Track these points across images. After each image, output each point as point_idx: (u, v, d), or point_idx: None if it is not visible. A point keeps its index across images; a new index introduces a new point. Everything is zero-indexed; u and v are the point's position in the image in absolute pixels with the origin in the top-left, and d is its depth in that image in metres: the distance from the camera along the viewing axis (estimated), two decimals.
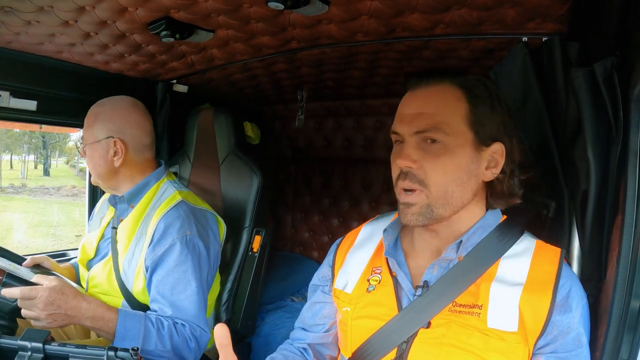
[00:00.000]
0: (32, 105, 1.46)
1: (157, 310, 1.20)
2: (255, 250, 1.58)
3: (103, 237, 1.38)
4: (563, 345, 0.73)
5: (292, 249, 2.53)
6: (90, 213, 1.62)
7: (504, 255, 0.79)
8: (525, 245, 0.81)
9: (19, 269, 1.14)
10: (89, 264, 1.38)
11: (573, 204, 0.92)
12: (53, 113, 1.56)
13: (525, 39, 1.07)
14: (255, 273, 1.58)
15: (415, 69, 1.51)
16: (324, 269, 1.00)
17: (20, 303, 1.03)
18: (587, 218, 0.84)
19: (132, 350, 0.80)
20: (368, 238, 0.95)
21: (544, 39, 1.03)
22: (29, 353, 0.80)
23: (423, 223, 0.80)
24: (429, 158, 0.78)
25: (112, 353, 0.80)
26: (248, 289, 1.57)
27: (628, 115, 0.75)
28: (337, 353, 0.98)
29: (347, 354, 0.87)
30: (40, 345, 0.80)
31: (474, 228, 0.82)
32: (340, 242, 1.00)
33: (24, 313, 1.04)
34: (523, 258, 0.79)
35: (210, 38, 1.26)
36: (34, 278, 1.08)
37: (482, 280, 0.78)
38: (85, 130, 1.30)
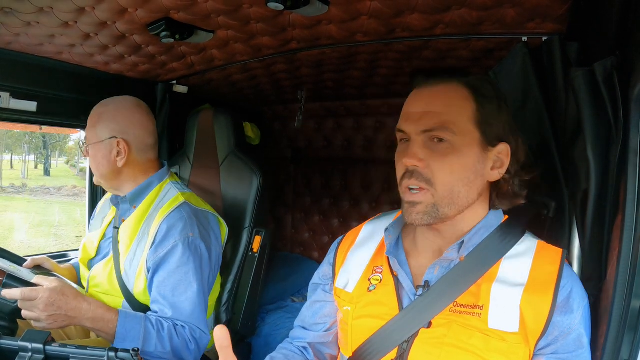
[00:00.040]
0: (32, 107, 1.46)
1: (157, 311, 1.20)
2: (255, 251, 1.58)
3: (104, 236, 1.38)
4: (564, 346, 0.73)
5: (292, 250, 2.53)
6: (91, 213, 1.63)
7: (506, 256, 0.79)
8: (527, 246, 0.81)
9: (20, 270, 1.14)
10: (90, 264, 1.38)
11: (573, 204, 0.92)
12: (53, 114, 1.56)
13: (525, 39, 1.07)
14: (256, 273, 1.58)
15: (416, 69, 1.51)
16: (325, 268, 1.00)
17: (21, 304, 1.03)
18: (587, 218, 0.84)
19: (132, 351, 0.80)
20: (369, 237, 0.95)
21: (544, 39, 1.03)
22: (30, 354, 0.80)
23: (428, 222, 0.79)
24: (436, 157, 0.78)
25: (112, 354, 0.80)
26: (248, 290, 1.57)
27: (628, 115, 0.75)
28: (337, 352, 0.97)
29: (347, 353, 0.87)
30: (41, 347, 0.80)
31: (476, 228, 0.82)
32: (341, 240, 1.00)
33: (25, 314, 1.04)
34: (524, 258, 0.79)
35: (210, 39, 1.26)
36: (35, 279, 1.08)
37: (483, 281, 0.78)
38: (89, 130, 1.30)
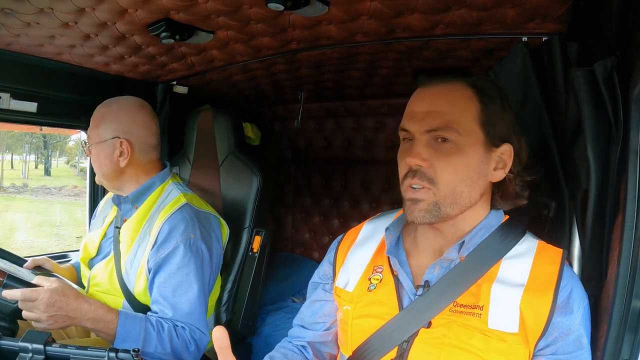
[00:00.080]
0: (32, 107, 1.46)
1: (158, 312, 1.20)
2: (255, 251, 1.58)
3: (105, 236, 1.38)
4: (563, 347, 0.73)
5: (292, 250, 2.53)
6: (91, 213, 1.63)
7: (506, 256, 0.79)
8: (527, 246, 0.80)
9: (20, 271, 1.14)
10: (91, 263, 1.38)
11: (573, 204, 0.91)
12: (53, 115, 1.56)
13: (525, 39, 1.07)
14: (256, 273, 1.58)
15: (418, 69, 1.51)
16: (325, 267, 0.99)
17: (22, 305, 1.03)
18: (587, 218, 0.84)
19: (133, 352, 0.80)
20: (370, 236, 0.95)
21: (544, 39, 1.03)
22: (30, 354, 0.80)
23: (430, 221, 0.79)
24: (440, 157, 0.77)
25: (113, 354, 0.80)
26: (248, 290, 1.57)
27: (628, 115, 0.75)
28: (336, 351, 0.97)
29: (347, 353, 0.87)
30: (41, 347, 0.80)
31: (477, 228, 0.82)
32: (341, 239, 0.99)
33: (25, 315, 1.04)
34: (525, 259, 0.78)
35: (210, 39, 1.26)
36: (35, 279, 1.08)
37: (483, 281, 0.78)
38: (91, 130, 1.30)
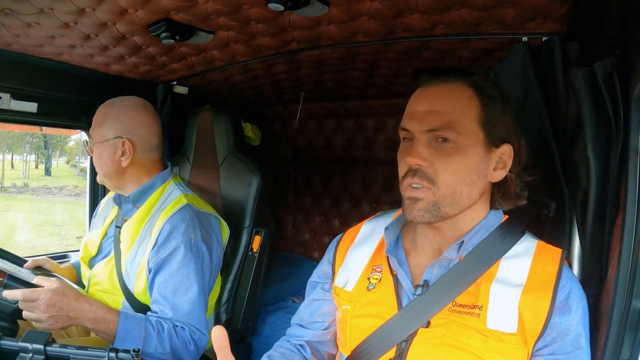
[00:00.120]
0: (32, 107, 1.46)
1: (157, 312, 1.20)
2: (255, 251, 1.58)
3: (106, 235, 1.39)
4: (561, 347, 0.73)
5: (292, 250, 2.53)
6: (92, 213, 1.63)
7: (505, 256, 0.79)
8: (526, 246, 0.80)
9: (20, 271, 1.14)
10: (91, 262, 1.38)
11: (573, 204, 0.91)
12: (53, 115, 1.56)
13: (525, 39, 1.07)
14: (255, 273, 1.58)
15: (419, 69, 1.51)
16: (324, 266, 0.99)
17: (22, 305, 1.03)
18: (587, 218, 0.84)
19: (133, 352, 0.80)
20: (369, 235, 0.95)
21: (544, 39, 1.03)
22: (30, 355, 0.80)
23: (429, 220, 0.79)
24: (440, 157, 0.77)
25: (113, 354, 0.80)
26: (248, 289, 1.57)
27: (628, 115, 0.75)
28: (335, 350, 0.97)
29: (346, 352, 0.87)
30: (42, 347, 0.80)
31: (476, 228, 0.82)
32: (341, 238, 0.99)
33: (26, 315, 1.04)
34: (524, 259, 0.78)
35: (210, 39, 1.26)
36: (35, 280, 1.08)
37: (482, 281, 0.78)
38: (94, 129, 1.30)
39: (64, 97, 1.55)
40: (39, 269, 1.31)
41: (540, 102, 1.02)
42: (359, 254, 0.93)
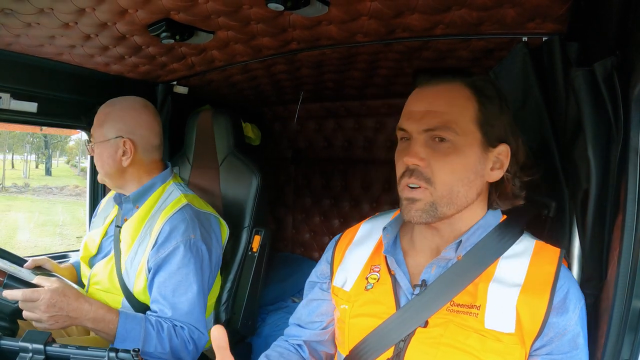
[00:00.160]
0: (32, 107, 1.46)
1: (157, 311, 1.20)
2: (255, 250, 1.58)
3: (106, 234, 1.39)
4: (559, 347, 0.73)
5: (292, 250, 2.53)
6: (92, 212, 1.63)
7: (503, 256, 0.79)
8: (525, 246, 0.80)
9: (20, 271, 1.14)
10: (91, 261, 1.38)
11: (574, 204, 0.91)
12: (53, 115, 1.56)
13: (525, 39, 1.07)
14: (255, 273, 1.58)
15: (418, 69, 1.51)
16: (323, 266, 1.00)
17: (22, 305, 1.03)
18: (587, 218, 0.84)
19: (133, 352, 0.80)
20: (367, 235, 0.95)
21: (544, 39, 1.03)
22: (30, 354, 0.80)
23: (426, 220, 0.79)
24: (438, 157, 0.78)
25: (113, 354, 0.80)
26: (248, 289, 1.57)
27: (628, 115, 0.75)
28: (333, 350, 0.97)
29: (344, 352, 0.87)
30: (42, 347, 0.80)
31: (474, 228, 0.82)
32: (339, 238, 0.99)
33: (26, 315, 1.04)
34: (522, 259, 0.78)
35: (211, 39, 1.26)
36: (35, 279, 1.08)
37: (480, 280, 0.78)
38: (95, 129, 1.31)
39: (64, 97, 1.55)
40: (39, 269, 1.31)
41: (540, 102, 1.02)
42: (358, 254, 0.93)
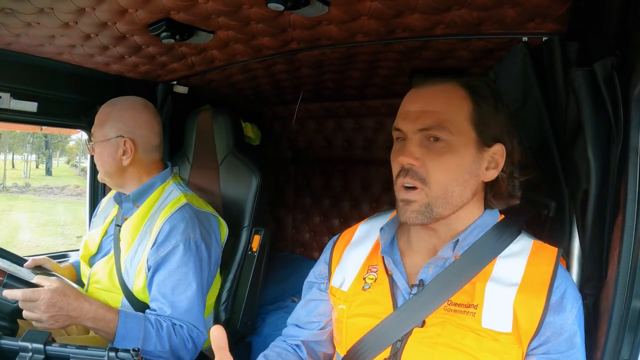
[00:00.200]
0: (32, 107, 1.46)
1: (156, 310, 1.21)
2: (255, 250, 1.58)
3: (106, 233, 1.40)
4: (555, 346, 0.73)
5: (292, 250, 2.53)
6: (92, 212, 1.64)
7: (500, 255, 0.79)
8: (522, 245, 0.80)
9: (20, 270, 1.14)
10: (91, 261, 1.39)
11: (573, 204, 0.91)
12: (53, 114, 1.56)
13: (525, 39, 1.07)
14: (255, 272, 1.58)
15: (414, 69, 1.51)
16: (321, 266, 1.00)
17: (22, 305, 1.03)
18: (587, 218, 0.84)
19: (132, 351, 0.80)
20: (365, 236, 0.95)
21: (544, 39, 1.03)
22: (30, 354, 0.80)
23: (422, 222, 0.80)
24: (432, 156, 0.78)
25: (112, 354, 0.80)
26: (247, 289, 1.57)
27: (628, 115, 0.75)
28: (332, 350, 0.97)
29: (342, 352, 0.87)
30: (41, 347, 0.80)
31: (471, 227, 0.82)
32: (337, 239, 1.00)
33: (26, 315, 1.04)
34: (519, 258, 0.78)
35: (211, 39, 1.26)
36: (35, 279, 1.08)
37: (477, 279, 0.78)
38: (96, 128, 1.32)
39: (64, 96, 1.55)
40: (39, 269, 1.31)
41: (540, 102, 1.02)
42: (355, 255, 0.93)
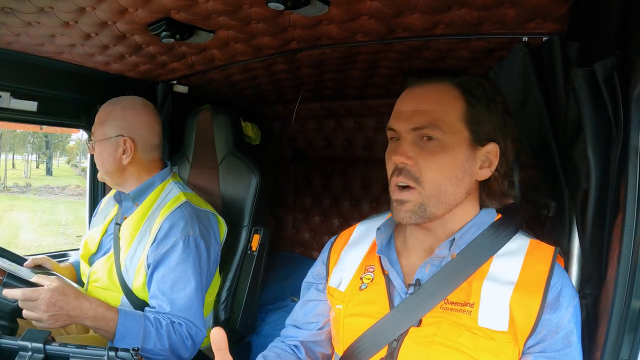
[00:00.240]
0: (32, 106, 1.46)
1: (155, 307, 1.21)
2: (254, 249, 1.58)
3: (106, 232, 1.41)
4: (552, 345, 0.73)
5: (292, 250, 2.53)
6: (92, 211, 1.64)
7: (497, 254, 0.79)
8: (519, 244, 0.80)
9: (20, 270, 1.14)
10: (91, 259, 1.39)
11: (573, 204, 0.92)
12: (53, 114, 1.56)
13: (526, 39, 1.07)
14: (254, 272, 1.58)
15: (409, 70, 1.52)
16: (318, 267, 1.00)
17: (22, 304, 1.03)
18: (587, 218, 0.84)
19: (132, 351, 0.80)
20: (362, 236, 0.96)
21: (544, 39, 1.03)
22: (30, 353, 0.80)
23: (416, 221, 0.80)
24: (425, 155, 0.79)
25: (112, 353, 0.80)
26: (247, 288, 1.57)
27: (628, 115, 0.75)
28: (330, 350, 0.98)
29: (339, 352, 0.88)
30: (41, 346, 0.80)
31: (467, 226, 0.82)
32: (335, 240, 1.00)
33: (26, 314, 1.04)
34: (516, 257, 0.79)
35: (211, 39, 1.26)
36: (35, 278, 1.08)
37: (474, 278, 0.78)
38: (96, 127, 1.33)
39: (64, 96, 1.55)
40: (39, 268, 1.31)
41: (540, 102, 1.02)
42: (353, 255, 0.93)
